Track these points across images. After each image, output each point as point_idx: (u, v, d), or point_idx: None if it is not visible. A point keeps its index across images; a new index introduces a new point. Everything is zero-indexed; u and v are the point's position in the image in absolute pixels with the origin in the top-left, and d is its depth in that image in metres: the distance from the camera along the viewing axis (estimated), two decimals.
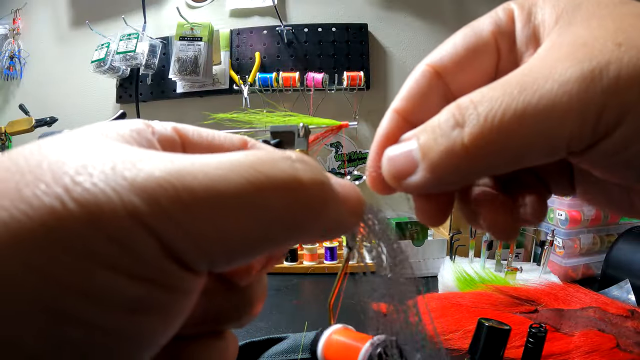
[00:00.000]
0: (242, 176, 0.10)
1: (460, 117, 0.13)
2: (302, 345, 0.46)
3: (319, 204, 0.11)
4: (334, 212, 0.12)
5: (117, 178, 0.09)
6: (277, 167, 0.10)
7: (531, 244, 0.89)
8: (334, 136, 1.00)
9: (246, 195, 0.10)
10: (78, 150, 0.09)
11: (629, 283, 0.68)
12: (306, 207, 0.11)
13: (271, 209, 0.10)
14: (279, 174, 0.10)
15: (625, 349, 0.51)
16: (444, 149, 0.13)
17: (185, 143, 0.14)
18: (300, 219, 0.11)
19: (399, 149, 0.15)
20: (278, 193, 0.10)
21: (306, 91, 1.00)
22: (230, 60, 1.07)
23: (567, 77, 0.12)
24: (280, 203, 0.10)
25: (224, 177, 0.10)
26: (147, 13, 1.09)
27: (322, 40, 1.05)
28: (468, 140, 0.13)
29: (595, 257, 0.85)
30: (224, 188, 0.09)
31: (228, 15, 1.09)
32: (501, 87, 0.13)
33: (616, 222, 0.88)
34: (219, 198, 0.09)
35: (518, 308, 0.64)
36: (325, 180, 0.11)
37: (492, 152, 0.13)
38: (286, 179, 0.10)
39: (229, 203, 0.09)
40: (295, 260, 0.91)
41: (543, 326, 0.41)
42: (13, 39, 1.23)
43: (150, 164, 0.09)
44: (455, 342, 0.57)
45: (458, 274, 0.77)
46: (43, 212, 0.08)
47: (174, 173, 0.09)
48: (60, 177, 0.09)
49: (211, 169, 0.10)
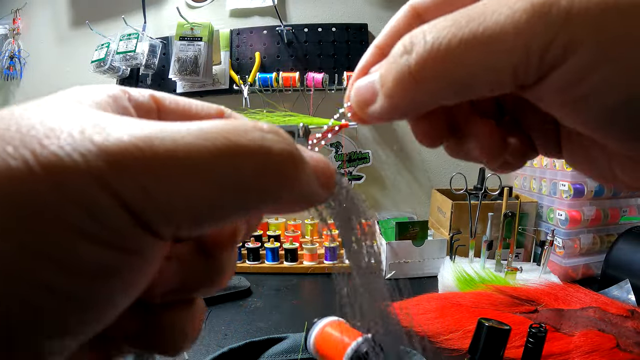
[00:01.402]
0: (211, 142, 0.10)
1: (410, 45, 0.14)
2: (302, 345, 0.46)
3: (288, 173, 0.11)
4: (304, 183, 0.12)
5: (85, 142, 0.09)
6: (247, 135, 0.11)
7: (531, 244, 0.89)
8: (334, 136, 1.00)
9: (213, 161, 0.10)
10: (49, 115, 0.09)
11: (629, 283, 0.68)
12: (275, 175, 0.11)
13: (238, 176, 0.10)
14: (248, 141, 0.10)
15: (625, 349, 0.51)
16: (395, 76, 0.14)
17: (161, 110, 0.14)
18: (268, 187, 0.11)
19: (365, 80, 0.16)
20: (246, 160, 0.10)
21: (306, 91, 1.00)
22: (230, 60, 1.07)
23: (515, 9, 0.12)
24: (248, 170, 0.10)
25: (191, 142, 0.10)
26: (147, 13, 1.09)
27: (322, 40, 1.05)
28: (414, 65, 0.13)
29: (595, 257, 0.85)
30: (191, 153, 0.09)
31: (228, 15, 1.09)
32: (452, 18, 0.13)
33: (616, 222, 0.88)
34: (186, 163, 0.09)
35: (518, 308, 0.64)
36: (296, 151, 0.12)
37: (437, 79, 0.13)
38: (255, 147, 0.10)
39: (195, 168, 0.10)
40: (295, 260, 0.91)
41: (543, 326, 0.41)
42: (13, 39, 1.23)
43: (119, 130, 0.09)
44: (455, 342, 0.57)
45: (458, 274, 0.77)
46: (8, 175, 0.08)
47: (143, 138, 0.09)
48: (28, 141, 0.09)
49: (180, 135, 0.10)
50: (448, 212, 0.89)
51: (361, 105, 0.16)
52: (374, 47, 0.17)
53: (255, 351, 0.47)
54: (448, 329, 0.59)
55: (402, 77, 0.14)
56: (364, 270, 0.16)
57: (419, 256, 0.87)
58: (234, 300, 0.77)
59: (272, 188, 0.11)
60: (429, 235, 0.91)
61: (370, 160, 1.07)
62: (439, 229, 0.96)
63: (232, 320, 0.68)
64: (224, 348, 0.46)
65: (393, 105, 0.15)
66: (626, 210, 0.89)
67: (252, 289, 0.81)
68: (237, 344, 0.46)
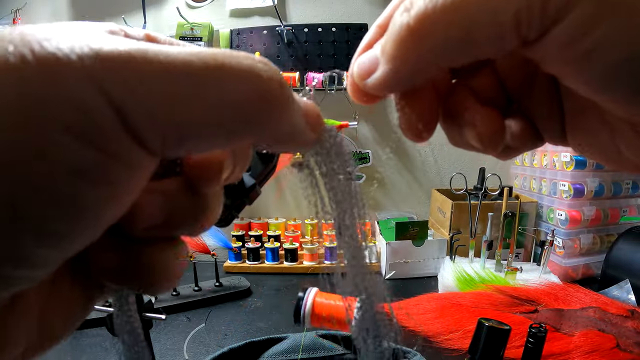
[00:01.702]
0: (201, 60, 0.10)
1: (410, 4, 0.13)
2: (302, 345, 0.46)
3: (275, 101, 0.11)
4: (291, 117, 0.12)
5: (83, 46, 0.09)
6: (237, 59, 0.11)
7: (531, 244, 0.89)
8: None
9: (204, 76, 0.10)
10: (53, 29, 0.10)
11: (629, 283, 0.68)
12: (262, 101, 0.11)
13: (225, 95, 0.10)
14: (238, 64, 0.11)
15: (625, 349, 0.51)
16: (395, 37, 0.14)
17: None
18: (256, 111, 0.11)
19: (367, 54, 0.16)
20: (234, 81, 0.11)
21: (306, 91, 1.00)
22: None
23: None
24: (235, 91, 0.11)
25: (184, 58, 0.10)
26: (147, 13, 1.09)
27: (322, 40, 1.05)
28: (413, 20, 0.13)
29: (595, 257, 0.85)
30: (181, 66, 0.10)
31: (228, 15, 1.09)
32: None
33: (616, 222, 0.88)
34: (177, 75, 0.10)
35: (518, 308, 0.64)
36: (285, 84, 0.12)
37: (437, 32, 0.13)
38: (245, 70, 0.11)
39: (186, 82, 0.10)
40: (295, 260, 0.91)
41: (543, 326, 0.41)
42: None
43: (117, 42, 0.10)
44: (455, 342, 0.57)
45: (458, 274, 0.77)
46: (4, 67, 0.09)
47: (138, 49, 0.10)
48: (29, 40, 0.09)
49: (174, 52, 0.10)
50: (448, 212, 0.89)
51: (362, 77, 0.16)
52: (376, 27, 0.17)
53: (255, 351, 0.47)
54: (448, 329, 0.59)
55: (401, 36, 0.14)
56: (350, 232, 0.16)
57: (419, 256, 0.87)
58: (234, 300, 0.77)
59: (258, 114, 0.11)
60: (429, 235, 0.91)
61: (370, 160, 1.07)
62: (439, 229, 0.96)
63: (232, 320, 0.68)
64: (224, 348, 0.46)
65: (394, 70, 0.14)
66: (626, 210, 0.89)
67: (252, 289, 0.81)
68: (237, 344, 0.46)
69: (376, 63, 0.15)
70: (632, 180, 0.88)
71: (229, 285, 0.80)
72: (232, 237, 0.95)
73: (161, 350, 0.58)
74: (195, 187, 0.14)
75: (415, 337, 0.59)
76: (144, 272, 0.13)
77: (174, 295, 0.75)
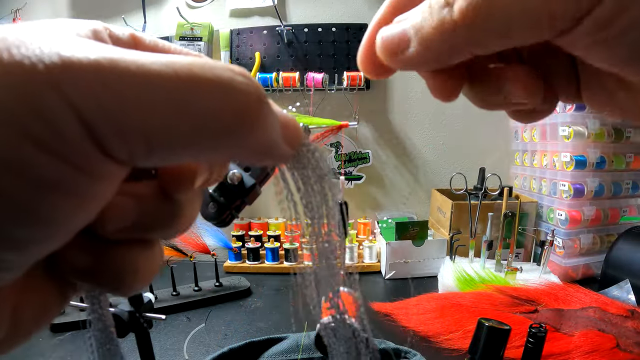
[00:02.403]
0: (173, 70, 0.10)
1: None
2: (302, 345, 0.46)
3: (251, 115, 0.11)
4: (268, 133, 0.12)
5: (52, 54, 0.09)
6: (213, 70, 0.11)
7: (531, 244, 0.89)
8: (334, 136, 1.00)
9: (174, 88, 0.10)
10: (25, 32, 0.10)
11: (629, 283, 0.68)
12: (237, 116, 0.11)
13: (199, 108, 0.10)
14: (213, 76, 0.10)
15: (625, 349, 0.51)
16: (435, 25, 0.14)
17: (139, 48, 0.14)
18: (229, 126, 0.11)
19: (393, 28, 0.16)
20: (209, 93, 0.10)
21: (306, 91, 1.00)
22: (230, 60, 1.07)
23: None
24: (209, 103, 0.10)
25: (156, 69, 0.10)
26: (147, 13, 1.09)
27: (322, 40, 1.05)
28: (457, 15, 0.13)
29: (595, 257, 0.85)
30: (153, 77, 0.10)
31: (228, 15, 1.09)
32: None
33: (616, 222, 0.88)
34: (146, 85, 0.10)
35: (518, 308, 0.64)
36: (263, 97, 0.12)
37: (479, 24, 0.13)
38: (219, 82, 0.11)
39: (155, 92, 0.10)
40: (295, 260, 0.91)
41: (543, 326, 0.41)
42: None
43: (88, 49, 0.09)
44: (455, 342, 0.57)
45: (458, 274, 0.77)
46: None
47: (109, 58, 0.09)
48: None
49: (147, 61, 0.10)
50: (448, 212, 0.89)
51: (392, 52, 0.16)
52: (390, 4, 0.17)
53: (255, 351, 0.47)
54: (448, 329, 0.59)
55: (442, 25, 0.14)
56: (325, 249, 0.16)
57: (419, 256, 0.87)
58: (234, 300, 0.77)
59: (231, 129, 0.11)
60: (429, 235, 0.91)
61: (370, 160, 1.07)
62: (439, 229, 0.96)
63: (232, 320, 0.68)
64: (224, 348, 0.46)
65: (429, 50, 0.15)
66: (626, 210, 0.89)
67: (252, 289, 0.81)
68: (237, 344, 0.46)
69: (406, 41, 0.15)
70: (632, 180, 0.88)
71: (229, 285, 0.80)
72: (232, 237, 0.95)
73: (161, 350, 0.58)
74: (168, 193, 0.14)
75: (408, 334, 0.59)
76: (113, 273, 0.13)
77: (174, 295, 0.75)
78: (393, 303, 0.69)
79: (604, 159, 0.82)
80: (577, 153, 0.80)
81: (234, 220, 0.44)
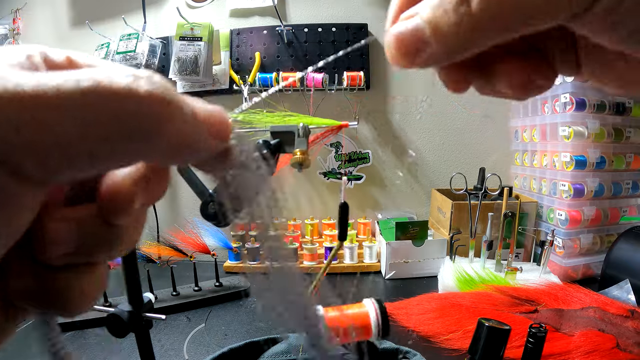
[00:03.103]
0: (75, 83, 0.10)
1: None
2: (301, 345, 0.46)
3: (153, 117, 0.11)
4: (180, 129, 0.12)
5: None
6: (112, 78, 0.11)
7: (531, 244, 0.89)
8: (334, 136, 1.00)
9: (72, 100, 0.10)
10: None
11: (629, 283, 0.68)
12: (138, 118, 0.11)
13: (102, 115, 0.10)
14: (112, 83, 0.11)
15: (625, 349, 0.51)
16: (454, 22, 0.14)
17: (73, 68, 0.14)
18: (131, 129, 0.11)
19: (404, 26, 0.15)
20: (108, 100, 0.10)
21: (306, 91, 1.00)
22: (230, 60, 1.07)
23: None
24: (111, 110, 0.10)
25: (57, 84, 0.10)
26: (147, 13, 1.09)
27: (322, 40, 1.05)
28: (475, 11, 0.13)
29: (595, 257, 0.85)
30: (52, 92, 0.10)
31: (228, 15, 1.09)
32: None
33: (616, 222, 0.88)
34: (46, 101, 0.10)
35: (518, 308, 0.64)
36: (170, 96, 0.12)
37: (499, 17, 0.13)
38: (118, 88, 0.11)
39: (59, 105, 0.10)
40: (295, 261, 0.91)
41: (543, 326, 0.41)
42: (13, 39, 1.23)
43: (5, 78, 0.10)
44: (455, 342, 0.57)
45: (458, 274, 0.77)
46: None
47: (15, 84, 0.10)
48: None
49: (50, 79, 0.10)
50: (448, 212, 0.89)
51: (409, 54, 0.15)
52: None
53: (255, 351, 0.47)
54: (448, 329, 0.59)
55: (461, 22, 0.14)
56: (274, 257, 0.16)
57: (419, 256, 0.87)
58: (234, 300, 0.77)
59: (134, 130, 0.11)
60: (429, 235, 0.91)
61: (370, 160, 1.07)
62: (439, 229, 0.96)
63: (232, 320, 0.68)
64: (224, 348, 0.46)
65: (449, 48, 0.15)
66: (626, 210, 0.89)
67: None
68: (237, 344, 0.46)
69: (423, 41, 0.15)
70: (632, 180, 0.88)
71: (229, 285, 0.80)
72: (232, 237, 0.95)
73: (161, 350, 0.58)
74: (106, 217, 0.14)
75: (409, 334, 0.59)
76: (58, 297, 0.13)
77: (174, 295, 0.75)
78: (393, 303, 0.69)
79: (604, 159, 0.82)
80: (577, 153, 0.80)
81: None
